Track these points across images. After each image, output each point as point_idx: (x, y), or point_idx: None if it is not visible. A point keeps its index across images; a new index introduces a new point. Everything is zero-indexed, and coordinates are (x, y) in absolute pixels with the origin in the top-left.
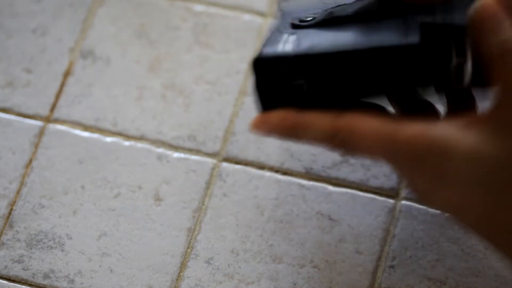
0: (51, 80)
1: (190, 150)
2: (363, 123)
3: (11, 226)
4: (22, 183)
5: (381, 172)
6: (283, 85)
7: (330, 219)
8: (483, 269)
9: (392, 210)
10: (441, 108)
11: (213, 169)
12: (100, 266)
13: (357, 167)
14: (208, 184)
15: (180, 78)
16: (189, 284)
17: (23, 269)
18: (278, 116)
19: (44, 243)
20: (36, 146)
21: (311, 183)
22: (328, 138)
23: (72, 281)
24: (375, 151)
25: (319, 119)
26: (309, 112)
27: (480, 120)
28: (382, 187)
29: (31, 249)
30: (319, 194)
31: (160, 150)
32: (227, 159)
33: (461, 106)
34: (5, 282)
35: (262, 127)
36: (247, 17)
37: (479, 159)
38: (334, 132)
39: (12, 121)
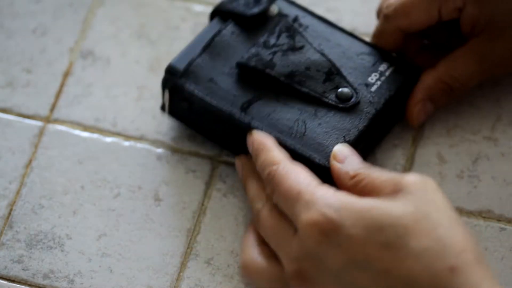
0: (51, 80)
1: (190, 151)
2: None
3: (11, 226)
4: (22, 183)
5: None
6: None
7: None
8: None
9: None
10: None
11: (213, 169)
12: (100, 266)
13: None
14: (208, 185)
15: None
16: (189, 284)
17: (23, 269)
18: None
19: (44, 243)
20: (36, 146)
21: None
22: None
23: (72, 281)
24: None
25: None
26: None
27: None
28: None
29: (31, 249)
30: None
31: (160, 150)
32: (227, 160)
33: None
34: (5, 282)
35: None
36: None
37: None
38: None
39: (12, 121)
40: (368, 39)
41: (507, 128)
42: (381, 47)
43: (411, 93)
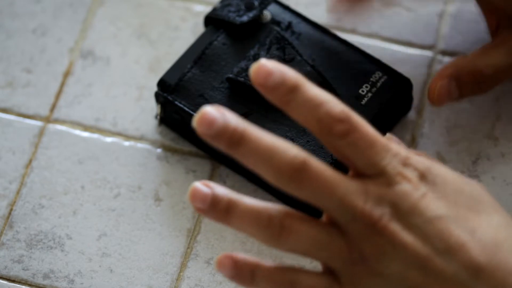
0: (51, 80)
1: (190, 151)
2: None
3: (11, 226)
4: (22, 183)
5: None
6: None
7: None
8: None
9: None
10: None
11: (213, 169)
12: (100, 266)
13: None
14: None
15: None
16: (189, 284)
17: (23, 269)
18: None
19: (44, 243)
20: (36, 146)
21: None
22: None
23: (72, 281)
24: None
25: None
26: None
27: None
28: None
29: (31, 249)
30: None
31: (160, 150)
32: None
33: None
34: (5, 282)
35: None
36: None
37: None
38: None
39: (12, 121)
40: (368, 39)
41: (507, 127)
42: None
43: (439, 69)
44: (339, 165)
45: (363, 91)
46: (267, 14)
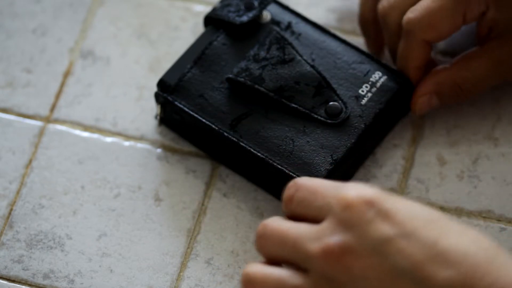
0: (51, 80)
1: (190, 151)
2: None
3: (11, 226)
4: (22, 183)
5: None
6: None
7: None
8: None
9: None
10: None
11: (213, 169)
12: (100, 266)
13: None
14: (208, 185)
15: None
16: (189, 284)
17: (23, 269)
18: None
19: (44, 243)
20: (36, 146)
21: None
22: None
23: (72, 281)
24: None
25: None
26: None
27: None
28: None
29: (31, 249)
30: None
31: (160, 150)
32: None
33: None
34: (5, 282)
35: None
36: None
37: None
38: None
39: (12, 121)
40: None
41: (507, 128)
42: (413, 65)
43: (420, 83)
44: (339, 165)
45: (363, 91)
46: (266, 14)
